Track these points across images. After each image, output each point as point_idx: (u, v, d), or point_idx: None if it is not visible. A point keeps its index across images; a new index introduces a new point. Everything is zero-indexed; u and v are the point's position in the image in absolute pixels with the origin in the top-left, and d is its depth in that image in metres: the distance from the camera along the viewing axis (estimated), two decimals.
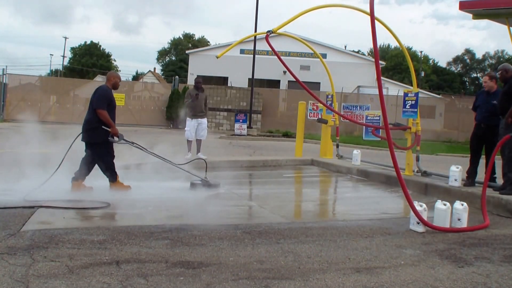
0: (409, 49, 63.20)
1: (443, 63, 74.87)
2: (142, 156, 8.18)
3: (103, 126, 6.49)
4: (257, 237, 4.54)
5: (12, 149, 8.34)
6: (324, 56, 25.98)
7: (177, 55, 68.71)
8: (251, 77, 23.72)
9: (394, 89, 26.97)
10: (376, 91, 10.13)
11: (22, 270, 3.34)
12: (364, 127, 20.82)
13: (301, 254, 4.06)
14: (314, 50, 11.72)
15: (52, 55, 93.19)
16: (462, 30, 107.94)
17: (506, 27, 7.30)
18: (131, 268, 3.50)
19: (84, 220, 5.18)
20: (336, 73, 17.02)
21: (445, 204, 5.20)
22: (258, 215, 5.98)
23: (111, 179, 6.60)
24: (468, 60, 73.35)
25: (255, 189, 8.49)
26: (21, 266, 3.41)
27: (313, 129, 19.98)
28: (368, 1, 5.05)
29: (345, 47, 46.73)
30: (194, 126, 10.85)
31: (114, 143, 6.69)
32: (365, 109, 22.16)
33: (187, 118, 10.98)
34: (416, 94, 8.55)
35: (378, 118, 20.21)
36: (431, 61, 73.01)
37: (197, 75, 20.44)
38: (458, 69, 74.13)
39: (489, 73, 7.63)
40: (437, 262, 4.01)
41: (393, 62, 63.02)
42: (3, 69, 24.61)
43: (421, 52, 66.17)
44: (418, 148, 8.54)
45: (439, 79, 67.50)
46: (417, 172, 8.54)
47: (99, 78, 42.24)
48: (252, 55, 23.26)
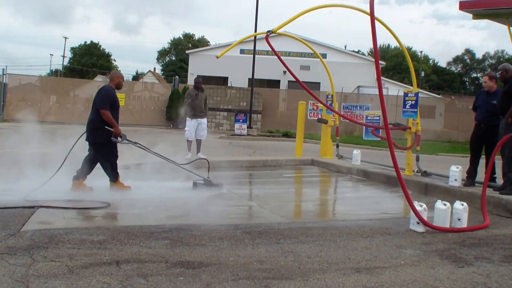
0: (409, 49, 63.21)
1: (443, 63, 75.05)
2: (142, 156, 8.19)
3: (106, 126, 6.50)
4: (257, 237, 4.54)
5: (12, 149, 8.34)
6: (324, 56, 25.98)
7: (177, 55, 68.72)
8: (251, 77, 23.72)
9: (394, 89, 26.97)
10: (376, 91, 10.13)
11: (22, 270, 3.34)
12: (364, 127, 20.84)
13: (301, 254, 4.06)
14: (314, 50, 11.72)
15: (52, 55, 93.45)
16: (462, 30, 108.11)
17: (506, 27, 7.31)
18: (131, 268, 3.50)
19: (84, 220, 5.18)
20: (336, 73, 17.03)
21: (445, 204, 5.20)
22: (258, 215, 5.98)
23: (112, 179, 6.61)
24: (468, 60, 73.36)
25: (255, 189, 8.49)
26: (21, 266, 3.41)
27: (313, 129, 19.98)
28: (368, 1, 5.06)
29: (345, 47, 46.77)
30: (194, 126, 10.86)
31: (117, 143, 6.70)
32: (365, 109, 22.17)
33: (187, 118, 10.98)
34: (416, 94, 8.55)
35: (378, 118, 20.23)
36: (431, 61, 73.06)
37: (197, 75, 20.42)
38: (458, 69, 74.15)
39: (489, 73, 7.63)
40: (437, 262, 4.02)
41: (393, 62, 63.03)
42: (3, 69, 24.64)
43: (421, 52, 66.28)
44: (418, 148, 8.54)
45: (439, 79, 67.51)
46: (417, 172, 8.54)
47: (99, 78, 42.29)
48: (252, 55, 23.25)
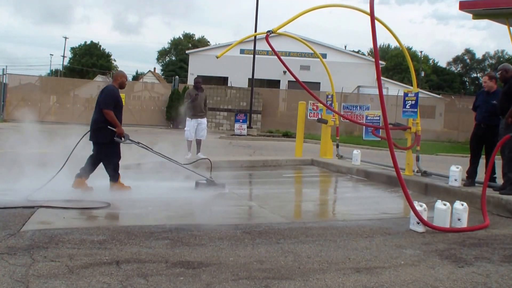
0: (409, 49, 63.22)
1: (443, 63, 75.07)
2: (143, 156, 8.19)
3: (109, 126, 6.49)
4: (257, 237, 4.54)
5: (12, 149, 8.33)
6: (324, 56, 25.98)
7: (177, 55, 68.71)
8: (251, 77, 23.71)
9: (394, 89, 26.96)
10: (376, 91, 10.12)
11: (22, 270, 3.34)
12: (364, 127, 20.84)
13: (301, 254, 4.06)
14: (314, 50, 11.72)
15: (52, 55, 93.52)
16: (462, 30, 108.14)
17: (506, 27, 7.31)
18: (131, 268, 3.50)
19: (84, 220, 5.18)
20: (336, 73, 17.02)
21: (445, 204, 5.20)
22: (258, 215, 5.98)
23: (113, 179, 6.60)
24: (468, 60, 73.37)
25: (255, 189, 8.49)
26: (21, 266, 3.41)
27: (313, 129, 19.98)
28: (368, 1, 5.06)
29: (345, 47, 46.76)
30: (194, 126, 10.86)
31: (120, 143, 6.70)
32: (365, 109, 22.16)
33: (187, 118, 10.98)
34: (416, 94, 8.55)
35: (378, 118, 20.23)
36: (431, 61, 73.07)
37: (197, 75, 20.41)
38: (458, 69, 74.15)
39: (489, 73, 7.63)
40: (437, 262, 4.01)
41: (393, 62, 63.03)
42: (3, 69, 24.64)
43: (421, 52, 66.27)
44: (418, 148, 8.54)
45: (439, 79, 67.51)
46: (417, 172, 8.54)
47: (99, 78, 42.30)
48: (252, 55, 23.25)
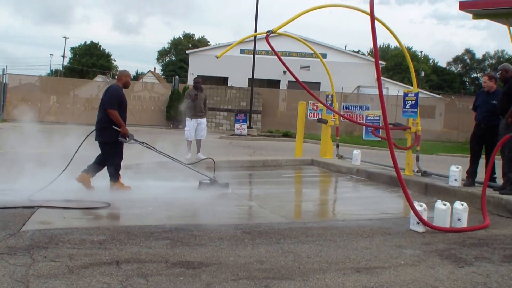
0: (409, 49, 63.23)
1: (443, 63, 75.06)
2: (143, 156, 8.19)
3: (114, 126, 6.49)
4: (257, 237, 4.54)
5: (12, 149, 8.33)
6: (324, 56, 25.98)
7: (177, 55, 68.71)
8: (251, 77, 23.71)
9: (394, 89, 26.96)
10: (376, 91, 10.12)
11: (22, 270, 3.34)
12: (364, 127, 20.84)
13: (301, 254, 4.06)
14: (314, 50, 11.72)
15: (52, 55, 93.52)
16: (462, 30, 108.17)
17: (506, 27, 7.31)
18: (131, 268, 3.50)
19: (84, 220, 5.17)
20: (336, 73, 17.02)
21: (445, 204, 5.20)
22: (258, 215, 5.98)
23: (113, 179, 6.60)
24: (468, 60, 73.37)
25: (255, 189, 8.49)
26: (21, 266, 3.41)
27: (313, 129, 19.98)
28: (368, 1, 5.06)
29: (345, 47, 46.76)
30: (194, 126, 10.86)
31: (124, 143, 6.70)
32: (365, 109, 22.17)
33: (187, 118, 10.99)
34: (416, 94, 8.55)
35: (378, 118, 20.24)
36: (431, 61, 73.07)
37: (197, 75, 20.41)
38: (458, 69, 74.15)
39: (489, 73, 7.63)
40: (437, 262, 4.01)
41: (393, 62, 63.05)
42: (3, 69, 24.64)
43: (421, 52, 66.28)
44: (418, 148, 8.54)
45: (439, 79, 67.51)
46: (417, 172, 8.54)
47: (99, 78, 42.26)
48: (252, 55, 23.25)
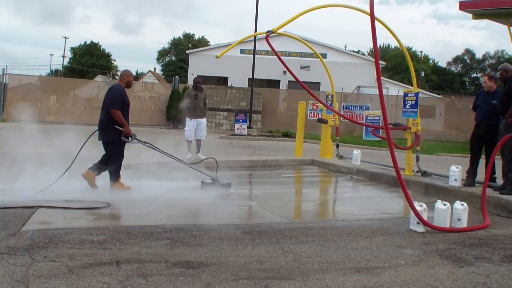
0: (409, 49, 63.23)
1: (443, 63, 75.05)
2: (143, 156, 8.19)
3: (116, 126, 6.49)
4: (257, 237, 4.54)
5: (12, 149, 8.33)
6: (324, 56, 25.98)
7: (177, 55, 68.70)
8: (251, 77, 23.72)
9: (394, 89, 26.96)
10: (376, 91, 10.12)
11: (22, 270, 3.34)
12: (364, 127, 20.84)
13: (301, 254, 4.06)
14: (314, 50, 11.72)
15: (52, 55, 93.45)
16: (462, 30, 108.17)
17: (506, 27, 7.31)
18: (131, 268, 3.50)
19: (84, 220, 5.17)
20: (336, 73, 17.02)
21: (445, 204, 5.20)
22: (258, 215, 5.98)
23: (113, 179, 6.60)
24: (468, 60, 73.36)
25: (255, 189, 8.49)
26: (21, 266, 3.41)
27: (313, 129, 19.98)
28: (368, 1, 5.06)
29: (345, 47, 46.74)
30: (194, 126, 10.86)
31: (127, 143, 6.70)
32: (365, 109, 22.17)
33: (187, 118, 10.99)
34: (416, 94, 8.55)
35: (378, 118, 20.24)
36: (431, 61, 73.07)
37: (197, 75, 20.41)
38: (458, 69, 74.15)
39: (488, 73, 7.63)
40: (437, 262, 4.01)
41: (393, 62, 63.04)
42: (3, 69, 24.63)
43: (421, 52, 66.30)
44: (418, 148, 8.54)
45: (439, 79, 67.51)
46: (417, 172, 8.54)
47: (99, 78, 42.24)
48: (252, 55, 23.26)
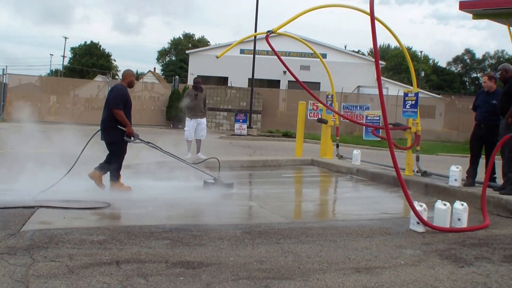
0: (409, 49, 63.23)
1: (443, 63, 75.01)
2: (143, 156, 8.19)
3: (119, 126, 6.49)
4: (257, 237, 4.54)
5: (12, 149, 8.34)
6: (324, 56, 25.98)
7: (177, 55, 68.70)
8: (251, 77, 23.71)
9: (394, 89, 26.96)
10: (376, 91, 10.12)
11: (22, 270, 3.34)
12: (364, 127, 20.83)
13: (301, 254, 4.06)
14: (314, 50, 11.72)
15: (52, 55, 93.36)
16: (462, 30, 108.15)
17: (506, 27, 7.31)
18: (131, 268, 3.50)
19: (84, 220, 5.16)
20: (336, 73, 17.03)
21: (445, 204, 5.20)
22: (258, 215, 5.98)
23: (114, 179, 6.59)
24: (468, 60, 73.34)
25: (255, 189, 8.48)
26: (21, 266, 3.41)
27: (313, 129, 19.98)
28: (368, 1, 5.06)
29: (345, 47, 46.71)
30: (194, 126, 10.86)
31: (129, 143, 6.70)
32: (365, 109, 22.16)
33: (186, 118, 10.99)
34: (416, 94, 8.55)
35: (378, 118, 20.22)
36: (431, 61, 73.06)
37: (197, 75, 20.41)
38: (458, 69, 74.13)
39: (488, 73, 7.63)
40: (437, 262, 4.02)
41: (393, 62, 63.03)
42: (3, 69, 24.63)
43: (421, 52, 66.30)
44: (418, 148, 8.54)
45: (439, 79, 67.51)
46: (417, 172, 8.54)
47: (99, 78, 42.26)
48: (252, 55, 23.25)
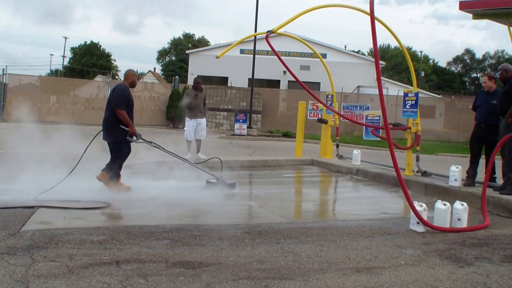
0: (409, 49, 63.23)
1: (443, 63, 75.00)
2: (143, 156, 8.19)
3: (122, 126, 6.49)
4: (257, 237, 4.54)
5: (12, 149, 8.34)
6: (324, 56, 25.99)
7: (177, 55, 68.69)
8: (251, 77, 23.71)
9: (394, 89, 26.96)
10: (376, 91, 10.12)
11: (22, 270, 3.34)
12: (364, 127, 20.84)
13: (301, 254, 4.06)
14: (314, 50, 11.72)
15: (52, 55, 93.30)
16: (462, 30, 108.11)
17: (506, 27, 7.31)
18: (131, 268, 3.50)
19: (84, 220, 5.16)
20: (336, 73, 17.02)
21: (445, 204, 5.20)
22: (258, 215, 5.98)
23: (114, 179, 6.59)
24: (468, 60, 73.33)
25: (255, 189, 8.48)
26: (21, 266, 3.41)
27: (313, 129, 19.98)
28: (368, 1, 5.06)
29: (345, 47, 46.70)
30: (193, 126, 10.86)
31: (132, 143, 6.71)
32: (365, 109, 22.18)
33: (186, 118, 10.99)
34: (416, 94, 8.55)
35: (378, 118, 20.24)
36: (431, 61, 73.05)
37: (197, 75, 20.42)
38: (458, 69, 74.12)
39: (488, 73, 7.63)
40: (437, 262, 4.02)
41: (393, 62, 63.03)
42: (3, 69, 24.63)
43: (421, 52, 66.26)
44: (418, 148, 8.54)
45: (439, 79, 67.50)
46: (417, 172, 8.54)
47: (99, 78, 42.25)
48: (252, 55, 23.25)
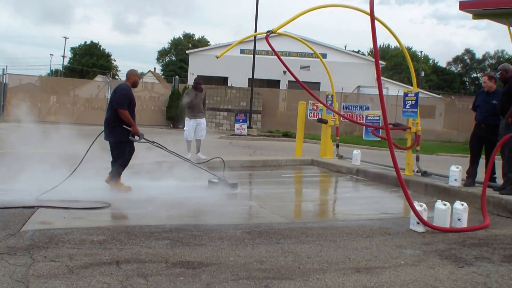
0: (409, 49, 63.23)
1: (443, 63, 74.96)
2: (143, 156, 8.19)
3: (124, 125, 6.49)
4: (257, 237, 4.54)
5: (12, 149, 8.34)
6: (324, 56, 25.99)
7: (177, 55, 68.69)
8: (251, 77, 23.71)
9: (394, 89, 26.96)
10: (376, 91, 10.13)
11: (22, 270, 3.34)
12: (364, 127, 20.85)
13: (301, 254, 4.06)
14: (314, 50, 11.72)
15: (52, 55, 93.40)
16: (462, 30, 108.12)
17: (506, 27, 7.31)
18: (131, 268, 3.50)
19: (84, 220, 5.16)
20: (336, 73, 17.02)
21: (445, 204, 5.20)
22: (258, 215, 5.98)
23: (114, 179, 6.59)
24: (468, 60, 73.32)
25: (255, 189, 8.48)
26: (21, 266, 3.41)
27: (313, 129, 19.98)
28: (368, 1, 5.06)
29: (345, 47, 46.70)
30: (193, 126, 10.86)
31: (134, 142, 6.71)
32: (365, 109, 22.19)
33: (186, 118, 10.99)
34: (416, 94, 8.55)
35: (378, 118, 20.25)
36: (431, 61, 73.05)
37: (197, 75, 20.44)
38: (458, 69, 74.11)
39: (488, 73, 7.63)
40: (437, 262, 4.02)
41: (393, 62, 63.04)
42: (3, 69, 24.66)
43: (421, 52, 66.29)
44: (418, 148, 8.54)
45: (439, 79, 67.50)
46: (417, 172, 8.54)
47: (99, 78, 42.25)
48: (252, 55, 23.25)
